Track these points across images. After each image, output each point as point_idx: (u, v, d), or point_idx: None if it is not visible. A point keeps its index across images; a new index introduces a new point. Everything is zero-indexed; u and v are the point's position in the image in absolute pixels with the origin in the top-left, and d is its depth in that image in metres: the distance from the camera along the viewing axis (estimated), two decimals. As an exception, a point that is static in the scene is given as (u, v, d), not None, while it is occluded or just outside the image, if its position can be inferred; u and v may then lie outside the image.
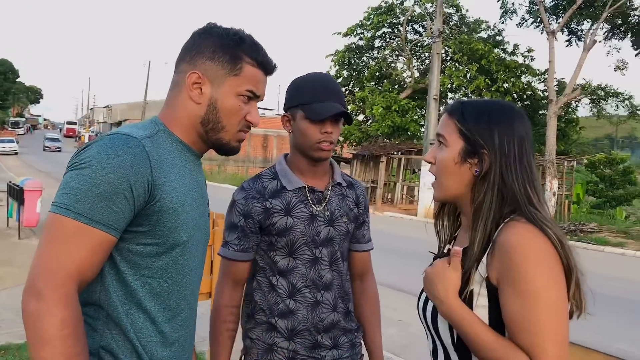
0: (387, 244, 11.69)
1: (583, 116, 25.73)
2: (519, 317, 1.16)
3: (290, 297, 1.82)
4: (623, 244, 13.27)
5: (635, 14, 19.82)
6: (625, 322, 6.50)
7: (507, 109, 1.33)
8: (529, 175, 1.28)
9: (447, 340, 1.29)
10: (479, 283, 1.23)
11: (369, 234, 2.04)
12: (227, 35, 1.35)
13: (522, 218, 1.23)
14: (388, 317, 6.27)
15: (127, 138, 1.21)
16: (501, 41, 24.19)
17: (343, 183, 1.96)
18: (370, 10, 25.17)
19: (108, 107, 75.94)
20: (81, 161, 1.18)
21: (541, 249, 1.18)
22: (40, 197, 9.13)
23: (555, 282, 1.17)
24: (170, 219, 1.25)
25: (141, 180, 1.19)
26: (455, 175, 1.32)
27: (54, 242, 1.14)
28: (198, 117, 1.34)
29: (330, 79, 1.89)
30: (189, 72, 1.33)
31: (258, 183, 1.87)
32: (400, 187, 21.72)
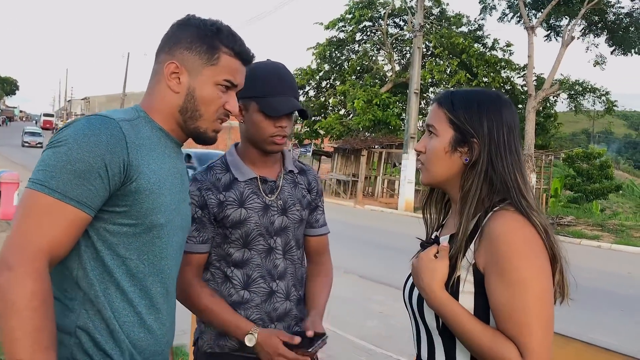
0: (368, 237, 11.75)
1: (561, 111, 26.05)
2: (506, 305, 1.18)
3: (245, 288, 1.82)
4: (599, 237, 13.52)
5: (611, 11, 20.12)
6: (600, 312, 6.63)
7: (495, 97, 1.36)
8: (518, 163, 1.31)
9: (432, 325, 1.31)
10: (466, 269, 1.26)
11: (323, 218, 2.03)
12: (204, 25, 1.38)
13: (511, 207, 1.25)
14: (369, 309, 6.32)
15: (104, 119, 1.24)
16: (481, 36, 24.37)
17: (295, 170, 1.95)
18: (351, 3, 25.16)
19: (86, 99, 74.94)
20: (59, 139, 1.21)
21: (528, 239, 1.21)
22: (17, 190, 9.00)
23: (542, 272, 1.20)
24: (147, 200, 1.27)
25: (117, 160, 1.21)
26: (445, 163, 1.34)
27: (27, 217, 1.16)
28: (176, 106, 1.37)
29: (286, 71, 1.85)
30: (167, 62, 1.36)
31: (211, 174, 1.85)
32: (381, 181, 21.82)
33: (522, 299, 1.17)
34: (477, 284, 1.25)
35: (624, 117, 79.74)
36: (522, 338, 1.16)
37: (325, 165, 26.38)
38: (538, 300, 1.18)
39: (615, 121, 63.03)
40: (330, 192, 22.73)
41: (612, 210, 20.46)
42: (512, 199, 1.26)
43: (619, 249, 12.39)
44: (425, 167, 1.38)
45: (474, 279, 1.25)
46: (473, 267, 1.25)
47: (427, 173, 1.38)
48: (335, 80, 26.11)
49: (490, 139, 1.30)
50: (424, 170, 1.39)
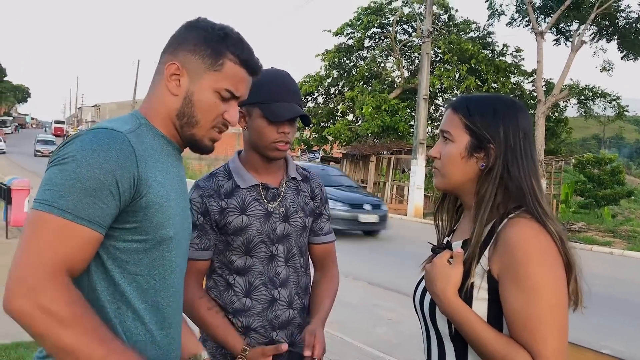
0: (376, 243, 11.72)
1: (571, 116, 25.91)
2: (521, 313, 1.18)
3: (247, 296, 1.82)
4: (610, 243, 13.39)
5: (621, 16, 20.01)
6: (612, 320, 6.56)
7: (510, 103, 1.36)
8: (533, 169, 1.31)
9: (445, 331, 1.30)
10: (480, 276, 1.25)
11: (328, 226, 2.01)
12: (212, 29, 1.32)
13: (526, 214, 1.25)
14: (378, 316, 6.29)
15: (111, 132, 1.18)
16: (490, 42, 24.32)
17: (298, 177, 1.95)
18: (359, 10, 25.21)
19: (96, 106, 75.52)
20: (64, 155, 1.14)
21: (543, 246, 1.20)
22: (27, 197, 9.04)
23: (557, 279, 1.19)
24: (157, 214, 1.22)
25: (127, 176, 1.16)
26: (461, 168, 1.34)
27: (38, 240, 1.08)
28: (174, 110, 1.31)
29: (290, 78, 1.85)
30: (168, 63, 1.31)
31: (214, 181, 1.85)
32: (390, 187, 21.76)
33: (537, 307, 1.16)
34: (491, 291, 1.24)
35: (635, 122, 79.13)
36: (536, 346, 1.16)
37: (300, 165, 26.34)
38: (553, 308, 1.17)
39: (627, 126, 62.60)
40: (339, 198, 22.69)
41: (623, 216, 20.25)
42: (528, 206, 1.26)
43: (631, 256, 12.26)
44: (441, 172, 1.38)
45: (488, 286, 1.24)
46: (487, 274, 1.24)
47: (442, 178, 1.38)
48: (344, 86, 26.13)
49: (506, 144, 1.29)
50: (439, 175, 1.39)
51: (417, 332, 1.44)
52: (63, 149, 1.16)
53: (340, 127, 23.81)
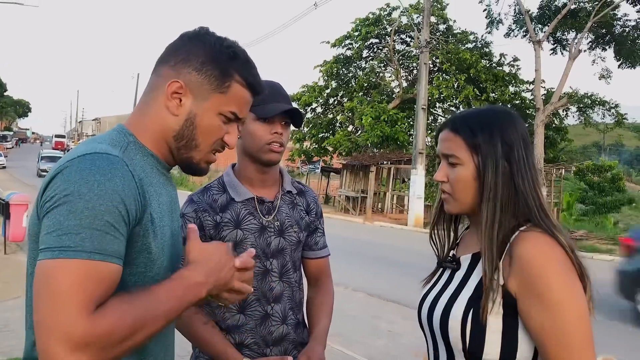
0: (377, 253, 11.68)
1: (571, 124, 25.96)
2: (551, 330, 1.18)
3: (241, 312, 1.79)
4: (612, 251, 13.34)
5: (618, 24, 20.09)
6: (615, 329, 6.52)
7: (506, 115, 1.36)
8: (536, 179, 1.31)
9: (458, 347, 1.28)
10: (496, 290, 1.24)
11: (323, 240, 2.00)
12: (220, 46, 1.23)
13: (536, 228, 1.25)
14: (378, 327, 6.24)
15: (109, 157, 1.08)
16: (488, 52, 24.39)
17: (293, 191, 1.93)
18: (357, 21, 25.32)
19: (97, 119, 75.71)
20: (65, 192, 1.02)
21: (560, 260, 1.21)
22: (26, 212, 9.03)
23: (577, 290, 1.20)
24: (154, 242, 1.15)
25: (133, 203, 1.08)
26: (475, 189, 1.33)
27: (69, 289, 0.96)
28: (172, 131, 1.22)
29: (279, 85, 1.87)
30: (170, 80, 1.20)
31: (208, 196, 1.83)
32: (390, 197, 21.75)
33: (566, 321, 1.17)
34: (506, 306, 1.23)
35: (635, 129, 79.18)
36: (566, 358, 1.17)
37: (334, 182, 26.35)
38: (580, 319, 1.18)
39: (627, 133, 62.62)
40: (340, 208, 22.68)
41: (625, 224, 20.21)
42: (535, 219, 1.27)
43: (633, 263, 12.20)
44: (454, 197, 1.36)
45: (503, 301, 1.23)
46: (503, 289, 1.23)
47: (455, 203, 1.36)
48: (343, 97, 26.19)
49: (512, 159, 1.30)
50: (451, 200, 1.37)
51: (417, 344, 1.43)
52: (58, 185, 1.04)
53: (340, 138, 23.83)
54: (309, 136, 25.99)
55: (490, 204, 1.29)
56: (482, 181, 1.30)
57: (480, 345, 1.25)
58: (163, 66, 1.24)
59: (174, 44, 1.26)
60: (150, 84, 1.25)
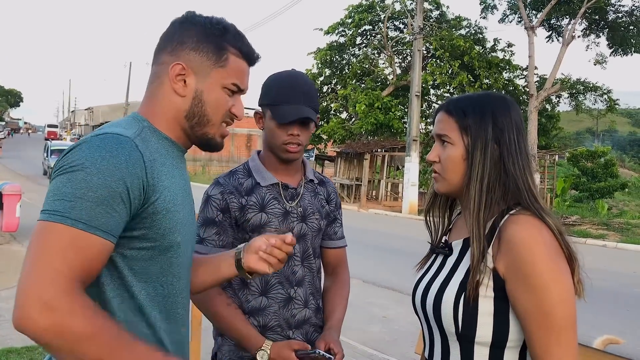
0: (371, 241, 11.72)
1: (564, 110, 26.01)
2: (534, 312, 1.20)
3: (263, 294, 1.82)
4: (604, 236, 13.45)
5: (611, 10, 20.07)
6: (605, 313, 6.58)
7: (501, 99, 1.38)
8: (527, 164, 1.33)
9: (451, 330, 1.30)
10: (486, 274, 1.26)
11: (341, 231, 2.04)
12: (210, 24, 1.30)
13: (525, 211, 1.27)
14: (372, 313, 6.27)
15: (119, 137, 1.14)
16: (482, 38, 24.33)
17: (315, 180, 1.97)
18: (351, 8, 25.19)
19: (89, 109, 75.22)
20: (71, 163, 1.10)
21: (547, 242, 1.23)
22: (19, 202, 8.99)
23: (563, 273, 1.22)
24: (165, 220, 1.20)
25: (137, 182, 1.13)
26: (464, 170, 1.34)
27: (50, 252, 1.04)
28: (182, 111, 1.29)
29: (302, 79, 1.86)
30: (172, 64, 1.27)
31: (234, 179, 1.86)
32: (385, 184, 21.78)
33: (549, 304, 1.19)
34: (496, 289, 1.25)
35: (628, 115, 79.49)
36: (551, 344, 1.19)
37: (329, 170, 26.36)
38: (564, 303, 1.20)
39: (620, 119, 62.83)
40: (334, 196, 22.67)
41: (618, 209, 20.34)
42: (525, 202, 1.28)
43: (625, 248, 12.33)
44: (442, 176, 1.38)
45: (493, 284, 1.25)
46: (493, 272, 1.25)
47: (444, 182, 1.38)
48: (337, 84, 26.10)
49: (502, 141, 1.31)
50: (440, 179, 1.39)
51: (411, 330, 1.45)
52: (69, 156, 1.12)
53: (334, 126, 23.80)
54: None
55: (477, 185, 1.30)
56: (470, 162, 1.32)
57: (472, 328, 1.27)
58: (162, 54, 1.30)
59: (166, 32, 1.32)
60: (153, 73, 1.32)
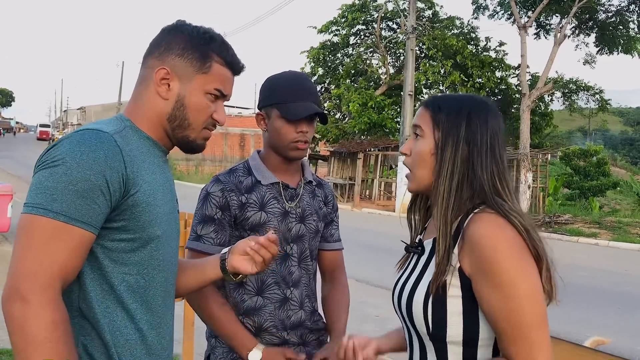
0: (365, 240, 11.73)
1: (556, 109, 26.11)
2: (502, 310, 1.19)
3: (259, 294, 1.81)
4: (596, 235, 13.52)
5: (601, 9, 20.15)
6: (596, 311, 6.62)
7: (481, 103, 1.37)
8: (498, 168, 1.31)
9: (423, 330, 1.30)
10: (451, 273, 1.25)
11: (337, 234, 2.04)
12: (197, 33, 1.36)
13: (490, 209, 1.26)
14: (366, 313, 6.29)
15: (98, 133, 1.20)
16: (475, 37, 24.38)
17: (313, 182, 1.97)
18: (344, 7, 25.18)
19: (82, 108, 74.85)
20: (53, 159, 1.15)
21: (508, 239, 1.21)
22: (11, 202, 8.96)
23: (528, 270, 1.21)
24: (144, 212, 1.24)
25: (116, 175, 1.18)
26: (430, 166, 1.34)
27: (32, 244, 1.11)
28: (165, 114, 1.34)
29: (306, 78, 1.90)
30: (157, 68, 1.33)
31: (234, 176, 1.86)
32: (378, 184, 21.80)
33: (515, 301, 1.18)
34: (464, 288, 1.25)
35: (619, 114, 79.87)
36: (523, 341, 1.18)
37: (322, 170, 26.34)
38: (530, 298, 1.19)
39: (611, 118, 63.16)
40: (328, 196, 22.65)
41: (610, 207, 20.45)
42: (490, 202, 1.27)
43: (617, 246, 12.39)
44: (412, 172, 1.38)
45: (460, 283, 1.25)
46: (459, 271, 1.25)
47: (414, 179, 1.38)
48: (330, 83, 26.07)
49: (473, 142, 1.30)
50: (410, 177, 1.39)
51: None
52: (50, 152, 1.18)
53: (327, 125, 23.78)
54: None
55: (446, 182, 1.30)
56: (439, 158, 1.31)
57: (443, 328, 1.27)
58: (149, 59, 1.37)
59: (156, 38, 1.39)
60: (140, 75, 1.38)
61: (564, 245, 11.75)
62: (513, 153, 18.06)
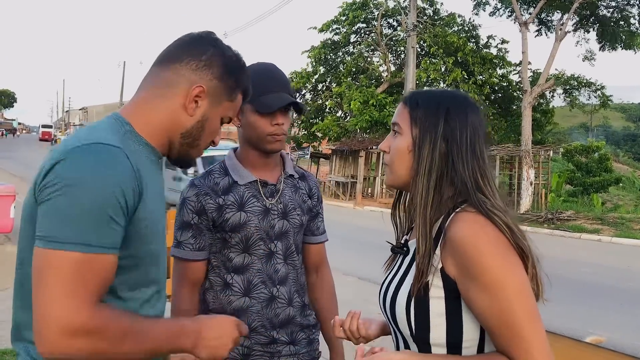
0: (367, 238, 11.73)
1: (558, 106, 26.05)
2: (492, 310, 1.17)
3: (246, 295, 1.80)
4: (599, 231, 13.49)
5: (602, 5, 20.10)
6: (600, 307, 6.61)
7: (460, 98, 1.34)
8: (479, 164, 1.28)
9: (406, 332, 1.28)
10: (433, 274, 1.23)
11: (323, 226, 2.02)
12: (235, 57, 1.34)
13: (471, 208, 1.23)
14: (368, 310, 6.23)
15: (109, 148, 1.12)
16: (475, 35, 24.35)
17: (295, 175, 1.94)
18: (344, 5, 25.16)
19: (84, 109, 74.99)
20: (67, 181, 1.06)
21: (491, 238, 1.19)
22: (13, 203, 8.96)
23: (513, 268, 1.18)
24: (146, 228, 1.20)
25: (132, 194, 1.13)
26: (409, 163, 1.31)
27: (68, 280, 1.04)
28: (182, 128, 1.29)
29: (276, 69, 1.84)
30: (196, 84, 1.27)
31: (209, 179, 1.82)
32: (380, 182, 21.79)
33: (505, 299, 1.15)
34: (447, 289, 1.22)
35: (622, 109, 79.73)
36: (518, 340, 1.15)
37: (324, 168, 26.35)
38: (519, 295, 1.16)
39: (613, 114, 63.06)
40: (330, 194, 22.71)
41: (612, 203, 20.41)
42: (471, 199, 1.24)
43: (619, 242, 12.37)
44: (390, 168, 1.36)
45: (443, 284, 1.23)
46: (441, 272, 1.22)
47: (391, 175, 1.36)
48: (331, 82, 26.08)
49: (452, 138, 1.27)
50: (388, 172, 1.37)
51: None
52: (61, 172, 1.08)
53: (329, 123, 23.79)
54: (298, 122, 25.92)
55: (424, 180, 1.27)
56: (417, 155, 1.29)
57: (425, 330, 1.25)
58: (179, 65, 1.28)
59: (187, 43, 1.32)
60: (164, 78, 1.28)
61: (567, 241, 11.74)
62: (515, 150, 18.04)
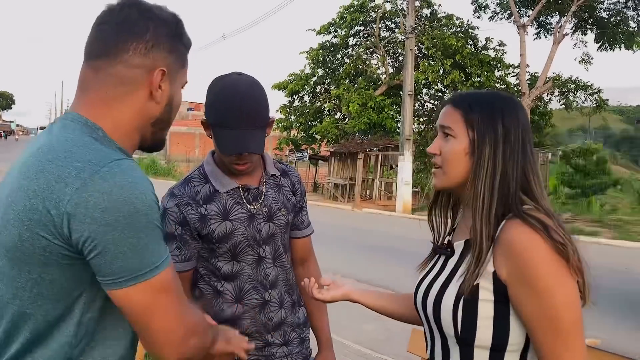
0: (366, 240, 11.73)
1: (556, 108, 26.09)
2: (540, 317, 1.19)
3: (238, 301, 1.79)
4: (597, 233, 13.50)
5: (601, 7, 20.16)
6: (599, 310, 6.60)
7: (509, 99, 1.35)
8: (531, 165, 1.30)
9: (450, 332, 1.29)
10: (485, 277, 1.24)
11: (307, 219, 2.00)
12: (174, 20, 1.19)
13: (524, 214, 1.23)
14: (366, 313, 6.24)
15: (131, 164, 1.08)
16: (474, 37, 24.38)
17: (277, 173, 1.89)
18: (342, 9, 25.18)
19: (82, 111, 74.41)
20: (121, 213, 1.01)
21: (548, 246, 1.19)
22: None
23: (566, 277, 1.19)
24: None
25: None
26: (464, 165, 1.31)
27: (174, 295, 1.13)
28: (152, 118, 1.18)
29: (242, 95, 1.63)
30: (156, 69, 1.13)
31: (189, 187, 1.77)
32: (378, 184, 21.79)
33: (554, 308, 1.18)
34: (496, 292, 1.24)
35: (619, 112, 79.84)
36: (560, 348, 1.18)
37: (323, 170, 26.33)
38: (568, 306, 1.18)
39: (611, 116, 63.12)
40: (328, 196, 22.70)
41: (611, 206, 20.43)
42: (526, 204, 1.26)
43: (618, 245, 12.37)
44: (443, 170, 1.35)
45: (493, 287, 1.24)
46: (493, 275, 1.23)
47: (444, 176, 1.35)
48: (330, 84, 26.07)
49: (506, 140, 1.29)
50: (440, 173, 1.36)
51: (404, 328, 1.45)
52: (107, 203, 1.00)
53: (327, 126, 23.79)
54: (296, 125, 25.92)
55: (487, 181, 1.27)
56: (476, 158, 1.29)
57: (471, 331, 1.25)
58: (124, 55, 1.12)
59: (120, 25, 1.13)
60: (116, 75, 1.13)
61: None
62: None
